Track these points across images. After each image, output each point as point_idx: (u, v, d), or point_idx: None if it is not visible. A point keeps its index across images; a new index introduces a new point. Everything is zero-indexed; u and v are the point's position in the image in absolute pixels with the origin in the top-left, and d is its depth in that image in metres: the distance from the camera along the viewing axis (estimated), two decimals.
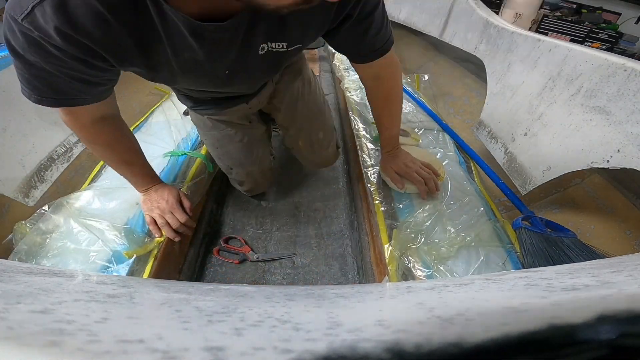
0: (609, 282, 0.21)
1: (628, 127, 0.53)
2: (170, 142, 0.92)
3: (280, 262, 0.86)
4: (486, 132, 0.93)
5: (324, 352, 0.13)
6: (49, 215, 0.63)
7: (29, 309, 0.17)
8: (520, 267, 0.59)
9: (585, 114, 0.62)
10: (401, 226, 0.64)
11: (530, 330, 0.13)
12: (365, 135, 0.96)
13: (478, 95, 1.25)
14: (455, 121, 1.26)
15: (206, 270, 0.84)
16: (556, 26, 2.93)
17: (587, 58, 0.63)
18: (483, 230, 0.64)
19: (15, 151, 0.67)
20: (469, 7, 1.12)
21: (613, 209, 0.69)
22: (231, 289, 0.31)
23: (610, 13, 3.12)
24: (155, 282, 0.43)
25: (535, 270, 0.28)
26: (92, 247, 0.60)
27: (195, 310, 0.21)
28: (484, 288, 0.23)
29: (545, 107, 0.72)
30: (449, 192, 0.74)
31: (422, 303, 0.20)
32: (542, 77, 0.74)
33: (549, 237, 0.61)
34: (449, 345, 0.13)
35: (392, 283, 0.57)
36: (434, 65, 1.62)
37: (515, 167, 0.78)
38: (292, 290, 0.29)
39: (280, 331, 0.16)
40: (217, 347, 0.14)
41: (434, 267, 0.57)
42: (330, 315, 0.19)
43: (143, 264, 0.60)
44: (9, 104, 0.67)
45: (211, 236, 0.93)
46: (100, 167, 0.82)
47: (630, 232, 0.64)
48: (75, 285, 0.26)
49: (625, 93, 0.54)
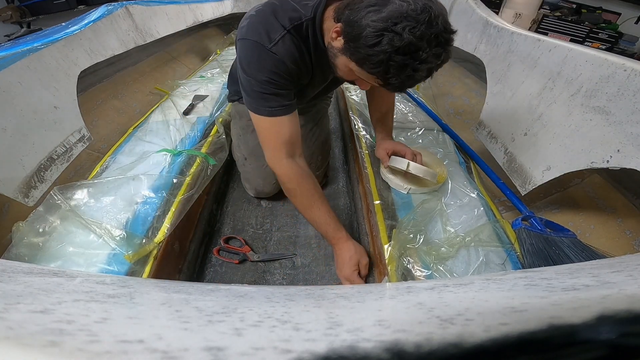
0: (609, 282, 0.21)
1: (628, 127, 0.53)
2: (170, 142, 0.92)
3: (280, 262, 0.86)
4: (486, 132, 0.93)
5: (324, 352, 0.13)
6: (46, 217, 0.63)
7: (29, 309, 0.17)
8: (520, 267, 0.59)
9: (585, 114, 0.62)
10: (401, 226, 0.64)
11: (530, 330, 0.13)
12: (365, 135, 0.96)
13: (478, 95, 1.25)
14: (455, 121, 1.26)
15: (206, 270, 0.84)
16: (556, 26, 2.94)
17: (587, 58, 0.63)
18: (483, 230, 0.64)
19: (15, 151, 0.67)
20: (469, 7, 1.12)
21: (613, 209, 0.69)
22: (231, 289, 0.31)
23: (610, 13, 3.12)
24: (155, 282, 0.43)
25: (535, 270, 0.28)
26: (91, 250, 0.60)
27: (195, 311, 0.21)
28: (484, 288, 0.23)
29: (545, 107, 0.72)
30: (449, 192, 0.74)
31: (422, 303, 0.20)
32: (542, 77, 0.74)
33: (549, 237, 0.61)
34: (449, 345, 0.13)
35: (391, 283, 0.57)
36: None
37: (515, 167, 0.78)
38: (292, 290, 0.29)
39: (280, 331, 0.16)
40: (217, 347, 0.14)
41: (434, 267, 0.57)
42: (330, 316, 0.19)
43: (143, 264, 0.60)
44: (9, 104, 0.67)
45: (211, 236, 0.93)
46: (100, 168, 0.82)
47: (630, 232, 0.64)
48: (75, 285, 0.26)
49: (625, 93, 0.54)
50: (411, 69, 0.48)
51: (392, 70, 0.48)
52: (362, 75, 0.55)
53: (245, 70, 0.62)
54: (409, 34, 0.45)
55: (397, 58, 0.47)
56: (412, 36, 0.45)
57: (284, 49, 0.61)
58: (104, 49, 1.02)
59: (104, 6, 1.09)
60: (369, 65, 0.50)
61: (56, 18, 2.92)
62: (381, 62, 0.48)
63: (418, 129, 0.99)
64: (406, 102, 1.16)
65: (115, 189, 0.72)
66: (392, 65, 0.48)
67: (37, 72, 0.76)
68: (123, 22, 1.15)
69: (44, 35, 0.86)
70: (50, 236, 0.61)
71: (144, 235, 0.64)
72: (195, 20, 1.71)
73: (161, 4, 1.41)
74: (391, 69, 0.48)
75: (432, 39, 0.46)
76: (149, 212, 0.68)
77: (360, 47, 0.49)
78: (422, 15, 0.45)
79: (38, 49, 0.78)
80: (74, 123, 0.84)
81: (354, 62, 0.52)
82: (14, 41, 0.87)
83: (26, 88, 0.72)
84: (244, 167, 0.98)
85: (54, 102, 0.79)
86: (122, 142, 0.93)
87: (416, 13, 0.45)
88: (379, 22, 0.46)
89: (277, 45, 0.60)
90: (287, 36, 0.60)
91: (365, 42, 0.48)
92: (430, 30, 0.46)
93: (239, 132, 0.95)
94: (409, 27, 0.45)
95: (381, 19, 0.46)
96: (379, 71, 0.49)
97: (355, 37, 0.49)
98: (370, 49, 0.47)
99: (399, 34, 0.45)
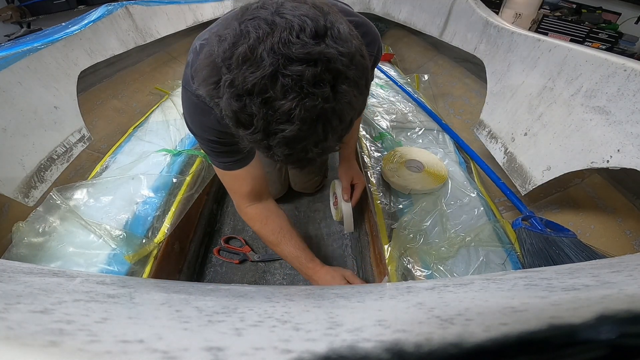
0: (609, 282, 0.20)
1: (628, 127, 0.53)
2: (170, 142, 0.92)
3: (280, 262, 0.86)
4: (486, 132, 0.93)
5: (324, 352, 0.13)
6: (46, 217, 0.63)
7: (29, 309, 0.17)
8: (520, 267, 0.59)
9: (585, 114, 0.61)
10: (401, 226, 0.64)
11: (530, 330, 0.13)
12: (365, 135, 0.96)
13: (478, 95, 1.25)
14: (455, 121, 1.26)
15: (206, 270, 0.84)
16: (556, 26, 2.93)
17: (587, 58, 0.63)
18: (483, 230, 0.64)
19: (15, 151, 0.67)
20: (469, 7, 1.12)
21: (613, 209, 0.69)
22: (231, 289, 0.31)
23: (610, 13, 3.12)
24: (155, 282, 0.43)
25: (535, 270, 0.28)
26: (91, 250, 0.60)
27: (195, 310, 0.21)
28: (484, 288, 0.23)
29: (545, 107, 0.72)
30: (449, 192, 0.74)
31: (422, 303, 0.20)
32: (542, 77, 0.74)
33: (549, 237, 0.61)
34: (449, 345, 0.13)
35: (392, 283, 0.57)
36: (434, 65, 1.62)
37: (515, 167, 0.78)
38: (292, 290, 0.29)
39: (280, 331, 0.16)
40: (217, 347, 0.14)
41: (434, 267, 0.57)
42: (330, 315, 0.19)
43: (143, 264, 0.60)
44: (9, 104, 0.67)
45: (211, 236, 0.93)
46: (100, 167, 0.82)
47: (630, 232, 0.64)
48: (75, 285, 0.26)
49: (625, 93, 0.54)
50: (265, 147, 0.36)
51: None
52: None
53: (188, 124, 0.55)
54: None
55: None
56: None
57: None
58: (104, 49, 1.02)
59: (104, 6, 1.09)
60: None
61: (56, 18, 2.92)
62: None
63: (418, 129, 0.99)
64: (406, 102, 1.16)
65: (115, 189, 0.72)
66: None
67: (37, 72, 0.76)
68: (123, 22, 1.15)
69: (44, 35, 0.86)
70: (50, 236, 0.61)
71: (144, 235, 0.64)
72: (195, 20, 1.71)
73: (161, 4, 1.41)
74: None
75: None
76: (149, 212, 0.68)
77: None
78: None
79: (38, 49, 0.78)
80: (74, 123, 0.84)
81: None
82: (14, 41, 0.87)
83: (26, 88, 0.72)
84: None
85: (54, 102, 0.79)
86: (122, 142, 0.93)
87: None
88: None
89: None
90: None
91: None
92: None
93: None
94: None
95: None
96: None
97: None
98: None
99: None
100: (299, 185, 1.02)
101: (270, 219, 0.69)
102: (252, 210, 0.68)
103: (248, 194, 0.66)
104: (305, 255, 0.68)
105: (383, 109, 1.10)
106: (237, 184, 0.65)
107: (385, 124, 1.00)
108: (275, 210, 0.71)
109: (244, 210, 0.68)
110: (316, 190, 1.06)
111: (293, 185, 1.02)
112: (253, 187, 0.65)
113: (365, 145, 0.91)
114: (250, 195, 0.66)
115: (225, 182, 0.66)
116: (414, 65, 1.75)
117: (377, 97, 1.19)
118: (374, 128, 0.99)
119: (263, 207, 0.69)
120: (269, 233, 0.69)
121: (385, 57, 1.63)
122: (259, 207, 0.68)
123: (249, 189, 0.65)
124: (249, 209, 0.68)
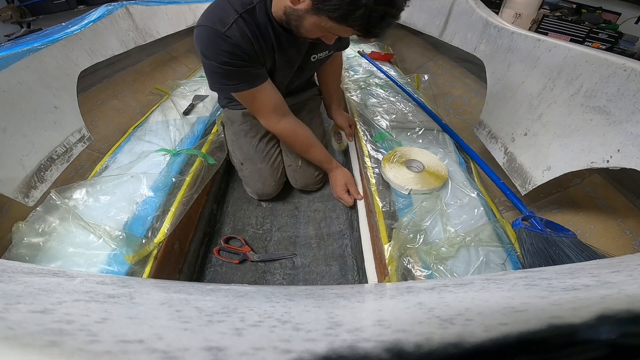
0: (609, 282, 0.20)
1: (628, 127, 0.53)
2: (170, 142, 0.92)
3: (280, 262, 0.86)
4: (486, 132, 0.93)
5: (324, 352, 0.13)
6: (46, 217, 0.63)
7: (29, 309, 0.17)
8: (520, 267, 0.59)
9: (585, 114, 0.61)
10: (401, 226, 0.64)
11: (530, 330, 0.13)
12: (365, 135, 0.96)
13: (478, 95, 1.25)
14: (455, 121, 1.26)
15: (206, 270, 0.84)
16: (556, 26, 2.93)
17: (587, 58, 0.63)
18: (483, 230, 0.64)
19: (15, 151, 0.67)
20: (469, 7, 1.12)
21: (613, 208, 0.69)
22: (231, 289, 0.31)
23: (610, 13, 3.12)
24: (155, 282, 0.43)
25: (535, 270, 0.28)
26: (91, 251, 0.60)
27: (195, 311, 0.21)
28: (484, 288, 0.23)
29: (545, 107, 0.72)
30: (449, 192, 0.74)
31: (422, 303, 0.20)
32: (542, 77, 0.74)
33: (549, 237, 0.61)
34: (448, 345, 0.13)
35: (391, 283, 0.57)
36: (434, 65, 1.62)
37: (515, 167, 0.78)
38: (292, 290, 0.29)
39: (280, 331, 0.16)
40: (217, 347, 0.14)
41: (434, 267, 0.57)
42: (330, 316, 0.19)
43: (143, 264, 0.60)
44: (9, 104, 0.67)
45: (211, 236, 0.93)
46: (100, 167, 0.82)
47: (630, 232, 0.64)
48: (75, 285, 0.26)
49: (625, 93, 0.54)
50: (389, 16, 0.54)
51: (374, 21, 0.54)
52: (335, 30, 0.60)
53: (205, 54, 0.67)
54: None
55: (378, 8, 0.52)
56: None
57: (237, 32, 0.65)
58: (104, 49, 1.02)
59: (104, 6, 1.09)
60: (351, 20, 0.54)
61: (56, 18, 2.92)
62: (363, 15, 0.53)
63: (418, 129, 0.99)
64: (406, 102, 1.16)
65: (114, 189, 0.72)
66: (373, 17, 0.53)
67: (37, 72, 0.76)
68: (123, 22, 1.15)
69: (44, 35, 0.86)
70: (50, 236, 0.61)
71: (144, 235, 0.64)
72: (195, 20, 1.70)
73: (161, 4, 1.41)
74: (372, 20, 0.54)
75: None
76: (149, 212, 0.68)
77: (337, 4, 0.53)
78: None
79: (38, 49, 0.78)
80: (74, 123, 0.84)
81: (333, 19, 0.56)
82: (14, 41, 0.87)
83: (26, 88, 0.72)
84: (242, 172, 0.99)
85: (54, 102, 0.79)
86: (122, 142, 0.93)
87: None
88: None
89: (230, 29, 0.64)
90: (239, 20, 0.64)
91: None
92: None
93: (232, 137, 0.97)
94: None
95: None
96: (361, 23, 0.54)
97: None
98: (351, 4, 0.52)
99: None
100: (300, 182, 1.01)
101: (300, 130, 0.84)
102: (282, 124, 0.81)
103: (274, 110, 0.78)
104: (327, 157, 0.92)
105: (383, 109, 1.10)
106: (263, 99, 0.76)
107: (385, 124, 1.00)
108: (299, 122, 0.85)
109: (275, 126, 0.81)
110: (317, 187, 1.05)
111: (294, 183, 1.02)
112: (276, 103, 0.78)
113: (365, 145, 0.91)
114: (275, 111, 0.79)
115: (250, 104, 0.78)
116: (414, 65, 1.75)
117: (377, 97, 1.19)
118: (374, 128, 0.99)
119: (290, 121, 0.83)
120: (301, 142, 0.86)
121: (385, 57, 1.63)
122: (287, 121, 0.82)
123: (273, 103, 0.77)
124: (279, 124, 0.81)
